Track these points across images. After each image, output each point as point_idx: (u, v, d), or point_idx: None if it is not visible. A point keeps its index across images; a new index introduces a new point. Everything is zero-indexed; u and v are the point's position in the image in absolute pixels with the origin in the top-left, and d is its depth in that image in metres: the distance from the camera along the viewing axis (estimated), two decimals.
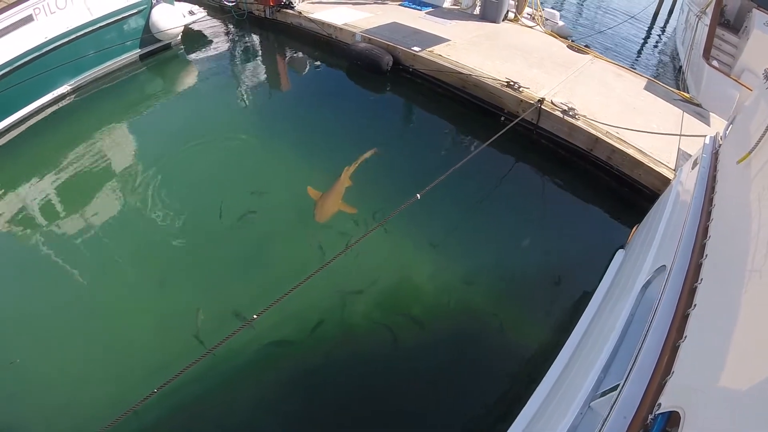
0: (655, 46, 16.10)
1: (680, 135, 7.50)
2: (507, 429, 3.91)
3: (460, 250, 6.32)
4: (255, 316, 4.00)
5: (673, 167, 6.81)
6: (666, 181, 6.55)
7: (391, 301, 5.69)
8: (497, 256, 6.28)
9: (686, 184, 4.83)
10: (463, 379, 5.01)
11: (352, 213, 6.61)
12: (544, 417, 3.72)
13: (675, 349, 2.58)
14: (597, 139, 7.26)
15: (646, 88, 9.43)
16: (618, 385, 2.85)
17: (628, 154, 6.99)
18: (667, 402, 2.28)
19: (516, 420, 3.98)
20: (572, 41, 11.48)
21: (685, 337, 2.57)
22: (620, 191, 7.13)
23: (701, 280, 2.90)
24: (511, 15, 12.47)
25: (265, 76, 11.02)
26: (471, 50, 9.87)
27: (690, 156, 6.09)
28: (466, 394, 4.87)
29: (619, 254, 5.87)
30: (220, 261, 6.22)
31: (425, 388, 4.92)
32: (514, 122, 7.19)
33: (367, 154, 7.54)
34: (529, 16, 12.74)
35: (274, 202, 7.05)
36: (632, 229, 6.34)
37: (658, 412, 2.27)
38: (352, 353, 5.19)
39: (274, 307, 3.98)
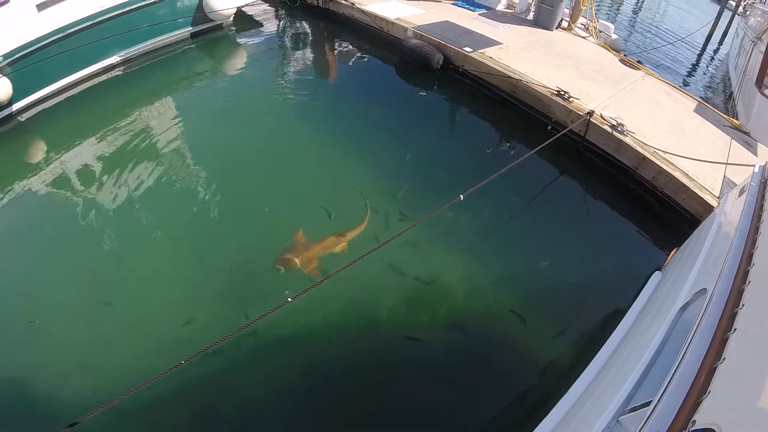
0: (707, 69, 15.71)
1: (727, 163, 7.38)
2: None
3: (493, 255, 6.36)
4: (290, 299, 4.09)
5: (718, 194, 6.72)
6: (709, 208, 6.47)
7: (419, 299, 5.78)
8: (530, 264, 6.30)
9: (732, 212, 4.81)
10: (486, 384, 5.06)
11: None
12: (569, 428, 3.79)
13: (712, 370, 2.64)
14: (644, 158, 7.20)
15: (696, 110, 9.27)
16: (650, 401, 2.91)
17: (674, 177, 6.91)
18: (702, 419, 2.34)
19: (537, 428, 4.05)
20: (624, 55, 11.30)
21: (724, 359, 2.62)
22: (662, 214, 7.05)
23: (743, 305, 2.94)
24: (564, 23, 12.34)
25: (313, 64, 11.18)
26: (522, 55, 9.84)
27: (736, 184, 6.02)
28: (488, 399, 4.92)
29: (656, 276, 5.86)
30: (253, 242, 6.35)
31: (446, 389, 4.99)
32: (562, 132, 7.18)
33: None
34: (582, 26, 12.57)
35: (312, 191, 7.17)
36: (671, 252, 6.31)
37: (692, 429, 2.33)
38: (375, 347, 5.28)
39: (305, 294, 4.04)
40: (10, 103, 8.31)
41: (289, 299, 4.08)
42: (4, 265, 6.18)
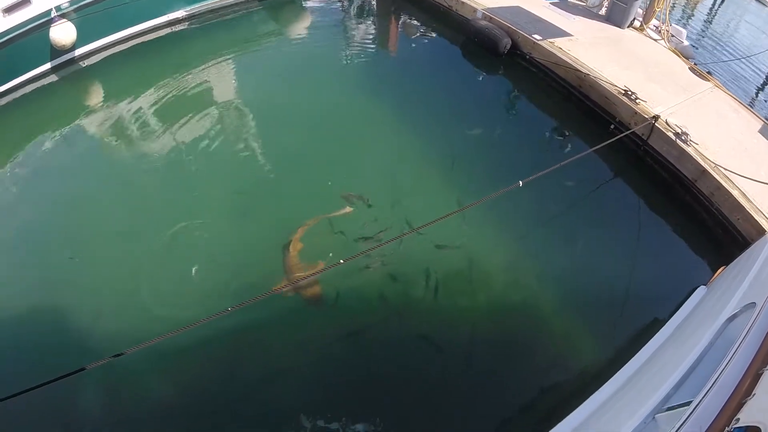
0: None
1: None
2: (555, 425, 4.11)
3: (539, 249, 6.43)
4: (341, 261, 4.30)
5: None
6: (762, 232, 6.39)
7: (460, 283, 5.91)
8: (575, 263, 6.37)
9: None
10: (520, 373, 5.22)
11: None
12: (602, 420, 3.93)
13: (758, 376, 2.76)
14: (704, 171, 7.09)
15: (761, 131, 8.98)
16: (689, 402, 3.03)
17: (732, 195, 6.80)
18: (746, 418, 2.46)
19: (567, 418, 4.19)
20: (695, 64, 10.94)
21: None
22: (714, 231, 6.99)
23: None
24: (636, 23, 11.95)
25: (376, 37, 11.13)
26: (591, 50, 9.64)
27: None
28: (521, 387, 5.09)
29: (700, 290, 5.89)
30: (302, 203, 6.53)
31: (480, 374, 5.17)
32: (625, 134, 7.12)
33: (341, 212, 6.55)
34: (654, 28, 12.16)
35: (365, 161, 7.32)
36: (717, 270, 6.28)
37: (735, 426, 2.45)
38: (410, 324, 5.46)
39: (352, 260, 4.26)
40: (73, 47, 8.49)
41: (341, 261, 4.29)
42: (52, 201, 6.48)
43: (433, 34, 11.25)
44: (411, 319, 5.50)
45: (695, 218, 7.18)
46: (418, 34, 11.29)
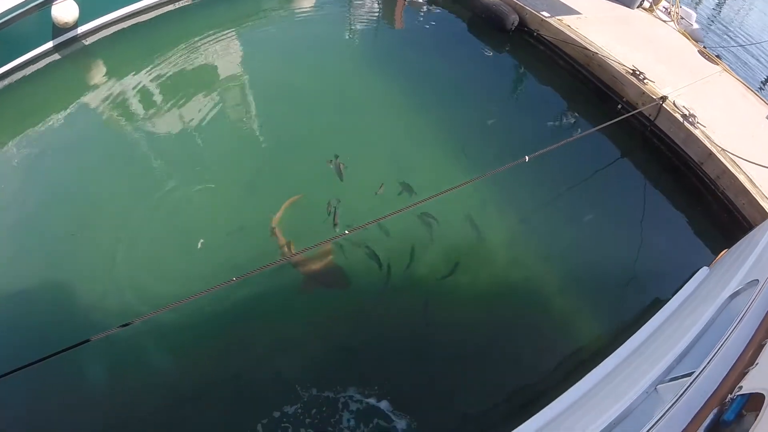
0: None
1: None
2: (557, 398, 4.10)
3: (542, 227, 6.37)
4: (347, 232, 4.28)
5: None
6: (766, 216, 6.34)
7: (463, 259, 5.85)
8: (578, 241, 6.32)
9: None
10: (521, 347, 5.22)
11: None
12: (604, 391, 3.92)
13: (760, 347, 2.76)
14: (711, 154, 7.00)
15: None
16: (692, 372, 3.02)
17: (738, 180, 6.73)
18: (749, 385, 2.44)
19: (568, 391, 4.18)
20: (704, 47, 10.76)
21: None
22: (718, 215, 6.94)
23: None
24: (646, 3, 11.73)
25: (382, 12, 10.83)
26: (600, 29, 9.46)
27: None
28: (522, 361, 5.11)
29: (703, 271, 5.84)
30: (305, 177, 6.47)
31: (483, 348, 5.17)
32: (632, 113, 7.02)
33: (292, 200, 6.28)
34: (664, 10, 11.94)
35: (370, 135, 7.23)
36: (720, 252, 6.24)
37: (738, 393, 2.44)
38: (411, 297, 5.45)
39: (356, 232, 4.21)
40: (76, 25, 8.30)
41: (346, 231, 4.28)
42: (56, 179, 6.39)
43: (439, 10, 10.99)
44: (412, 294, 5.46)
45: (700, 201, 7.12)
46: (424, 10, 11.03)
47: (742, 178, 6.75)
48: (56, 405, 4.55)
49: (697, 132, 7.22)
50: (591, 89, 8.61)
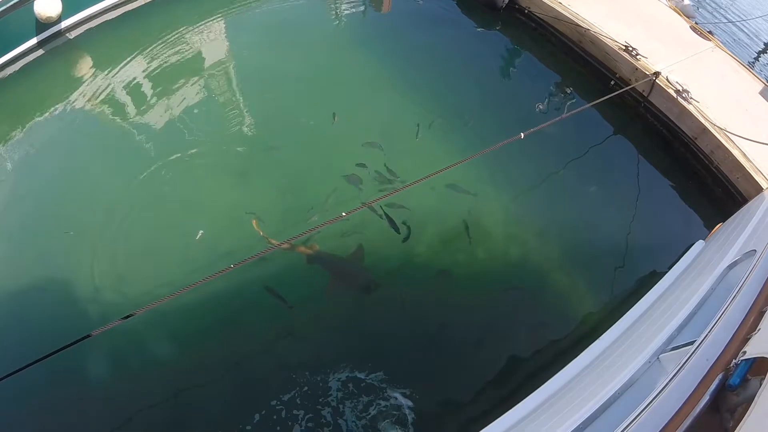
0: None
1: None
2: (559, 371, 4.10)
3: (538, 204, 6.35)
4: (344, 214, 4.24)
5: None
6: (761, 191, 6.34)
7: (460, 237, 5.84)
8: (574, 218, 6.31)
9: None
10: (520, 324, 5.24)
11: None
12: (607, 362, 3.92)
13: (761, 313, 2.75)
14: (705, 129, 6.97)
15: (762, 93, 8.84)
16: (693, 341, 3.01)
17: (732, 155, 6.71)
18: (753, 350, 2.44)
19: (571, 363, 4.18)
20: (696, 23, 10.70)
21: None
22: (713, 189, 6.94)
23: None
24: None
25: None
26: (592, 5, 9.31)
27: None
28: (523, 336, 5.11)
29: (699, 244, 5.86)
30: (296, 164, 6.43)
31: (481, 326, 5.18)
32: (625, 89, 6.95)
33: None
34: None
35: (361, 118, 7.14)
36: (715, 226, 6.26)
37: (742, 359, 2.42)
38: (407, 281, 5.44)
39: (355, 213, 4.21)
40: (59, 20, 8.09)
41: (343, 214, 4.22)
42: (47, 177, 6.30)
43: None
44: (408, 273, 5.46)
45: (694, 176, 7.12)
46: None
47: (736, 152, 6.73)
48: (61, 401, 4.55)
49: (690, 107, 7.18)
50: (584, 67, 8.53)
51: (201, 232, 5.65)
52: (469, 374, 4.78)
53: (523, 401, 3.71)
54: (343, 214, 4.25)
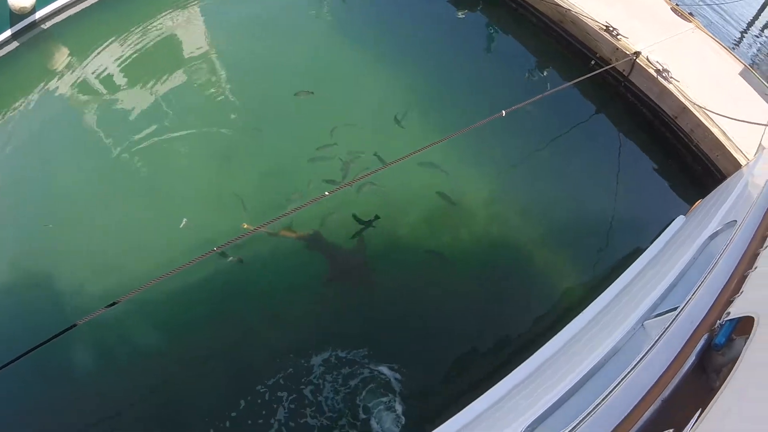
0: (759, 35, 15.12)
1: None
2: (545, 342, 4.12)
3: (519, 183, 6.35)
4: (327, 193, 4.13)
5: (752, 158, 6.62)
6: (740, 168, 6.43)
7: (443, 218, 5.82)
8: (556, 195, 6.31)
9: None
10: (506, 300, 5.27)
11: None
12: (592, 332, 3.94)
13: (744, 278, 2.79)
14: (685, 108, 7.02)
15: (741, 74, 8.94)
16: (676, 307, 3.04)
17: (712, 133, 6.77)
18: (737, 310, 2.46)
19: (558, 335, 4.20)
20: (676, 5, 10.77)
21: (756, 267, 2.84)
22: (693, 167, 6.99)
23: None
24: None
25: None
26: None
27: None
28: (506, 314, 5.16)
29: (679, 219, 5.92)
30: (279, 147, 6.40)
31: (467, 304, 5.19)
32: (605, 68, 6.94)
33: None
34: None
35: (345, 102, 7.09)
36: (695, 203, 6.32)
37: (726, 319, 2.45)
38: (391, 262, 5.43)
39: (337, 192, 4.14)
40: (34, 10, 7.82)
41: (327, 193, 4.12)
42: (26, 169, 6.19)
43: None
44: (392, 254, 5.43)
45: (674, 154, 7.17)
46: None
47: (716, 131, 6.79)
48: (48, 395, 4.47)
49: (670, 87, 7.21)
50: (565, 47, 8.52)
51: (185, 220, 5.53)
52: (457, 350, 4.79)
53: (510, 374, 3.71)
54: (326, 193, 4.18)
